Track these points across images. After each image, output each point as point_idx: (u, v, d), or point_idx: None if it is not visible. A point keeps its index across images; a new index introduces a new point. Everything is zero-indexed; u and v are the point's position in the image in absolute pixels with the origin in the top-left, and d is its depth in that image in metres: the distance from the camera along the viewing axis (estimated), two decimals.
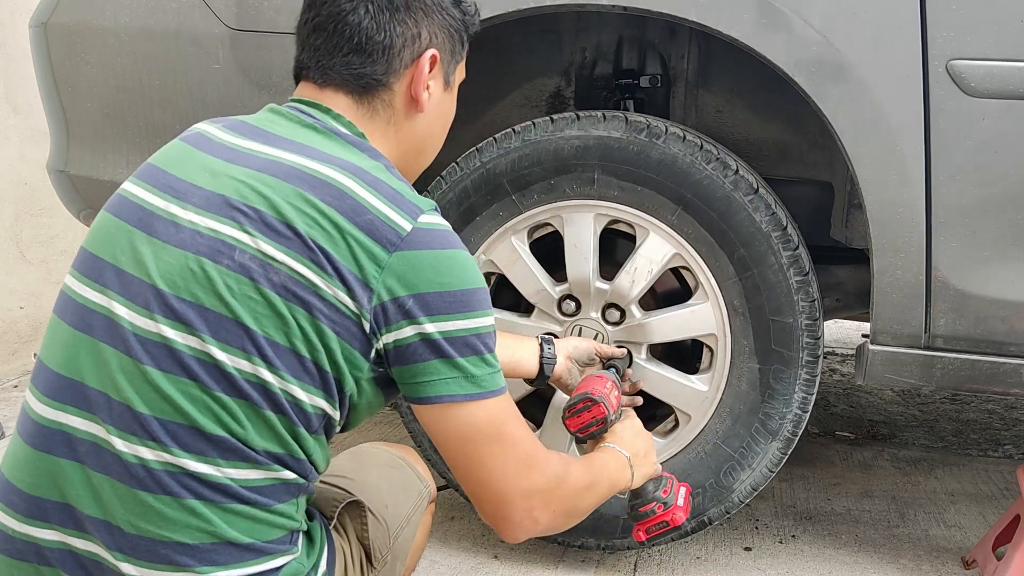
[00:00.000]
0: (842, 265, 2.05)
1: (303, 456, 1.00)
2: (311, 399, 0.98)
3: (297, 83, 1.15)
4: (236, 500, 0.96)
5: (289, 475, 0.99)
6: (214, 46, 1.81)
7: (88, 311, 0.98)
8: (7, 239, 3.16)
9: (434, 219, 1.03)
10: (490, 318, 1.04)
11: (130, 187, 1.05)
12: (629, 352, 1.78)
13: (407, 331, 0.99)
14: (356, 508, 1.20)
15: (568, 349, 1.60)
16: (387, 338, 0.99)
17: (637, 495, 1.43)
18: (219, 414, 0.95)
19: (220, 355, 0.94)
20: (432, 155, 1.23)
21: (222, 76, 1.82)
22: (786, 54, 1.60)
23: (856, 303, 2.08)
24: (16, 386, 3.11)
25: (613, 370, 1.58)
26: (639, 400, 1.77)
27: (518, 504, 1.06)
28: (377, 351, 1.00)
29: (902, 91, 1.57)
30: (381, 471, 1.28)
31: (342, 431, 1.10)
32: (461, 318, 1.01)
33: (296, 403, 0.97)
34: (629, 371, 1.76)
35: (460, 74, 1.21)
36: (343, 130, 1.08)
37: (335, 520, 1.17)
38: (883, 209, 1.61)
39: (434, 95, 1.15)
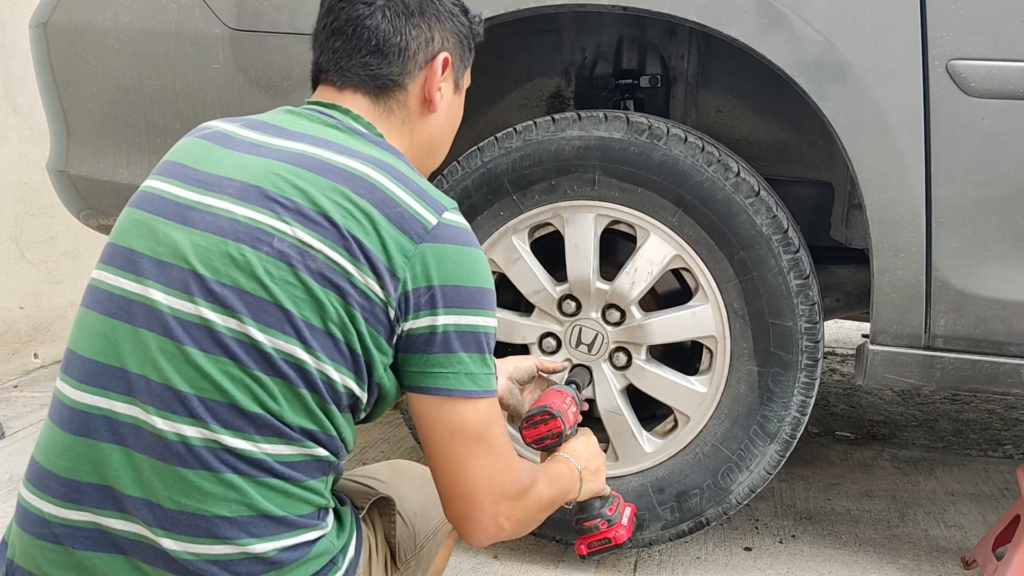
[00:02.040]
0: (842, 265, 2.05)
1: (334, 432, 1.04)
2: (343, 379, 1.02)
3: (315, 86, 1.20)
4: (271, 474, 1.00)
5: (321, 452, 1.03)
6: (214, 46, 1.81)
7: (125, 300, 1.02)
8: (7, 239, 3.16)
9: (457, 217, 1.09)
10: (495, 321, 1.10)
11: (156, 184, 1.08)
12: (589, 369, 1.77)
13: (423, 320, 1.04)
14: (387, 506, 1.24)
15: (509, 370, 1.58)
16: (405, 325, 1.04)
17: (583, 509, 1.46)
18: (256, 392, 0.99)
19: (259, 336, 0.98)
20: (440, 157, 1.28)
21: (222, 76, 1.82)
22: (786, 54, 1.60)
23: (856, 303, 2.08)
24: (16, 386, 3.10)
25: (573, 386, 1.60)
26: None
27: (487, 508, 1.09)
28: (398, 337, 1.04)
29: (902, 91, 1.57)
30: (414, 483, 1.31)
31: (366, 420, 1.14)
32: (473, 314, 1.06)
33: (329, 382, 1.01)
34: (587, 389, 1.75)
35: (467, 80, 1.27)
36: (362, 129, 1.13)
37: (365, 512, 1.20)
38: (883, 209, 1.61)
39: (445, 97, 1.21)
